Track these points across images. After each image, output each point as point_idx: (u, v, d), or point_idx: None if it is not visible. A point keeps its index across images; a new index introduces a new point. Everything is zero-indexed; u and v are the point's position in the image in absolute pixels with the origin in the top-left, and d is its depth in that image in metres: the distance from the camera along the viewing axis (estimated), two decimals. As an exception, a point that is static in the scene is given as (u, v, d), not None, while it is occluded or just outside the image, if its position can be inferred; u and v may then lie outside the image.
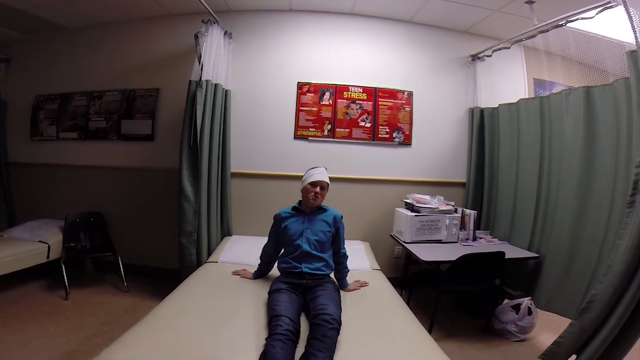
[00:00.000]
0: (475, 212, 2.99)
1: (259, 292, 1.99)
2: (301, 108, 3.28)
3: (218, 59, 2.95)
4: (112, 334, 2.29)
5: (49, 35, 3.70)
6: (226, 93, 3.12)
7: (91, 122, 3.49)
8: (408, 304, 2.09)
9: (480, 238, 3.01)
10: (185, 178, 2.75)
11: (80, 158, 3.50)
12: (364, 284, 2.20)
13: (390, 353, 1.47)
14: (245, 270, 2.31)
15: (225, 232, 3.20)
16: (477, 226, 3.12)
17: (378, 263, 2.77)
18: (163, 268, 3.36)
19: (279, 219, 2.15)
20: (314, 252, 2.00)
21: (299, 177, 2.25)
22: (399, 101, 3.35)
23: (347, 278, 2.17)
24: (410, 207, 2.92)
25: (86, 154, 3.51)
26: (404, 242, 2.78)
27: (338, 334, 1.53)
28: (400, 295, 2.22)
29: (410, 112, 3.37)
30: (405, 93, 3.37)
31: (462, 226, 2.94)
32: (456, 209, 2.95)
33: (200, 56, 2.78)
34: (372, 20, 3.36)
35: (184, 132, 2.75)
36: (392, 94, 3.35)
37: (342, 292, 2.02)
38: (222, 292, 1.99)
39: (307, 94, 3.29)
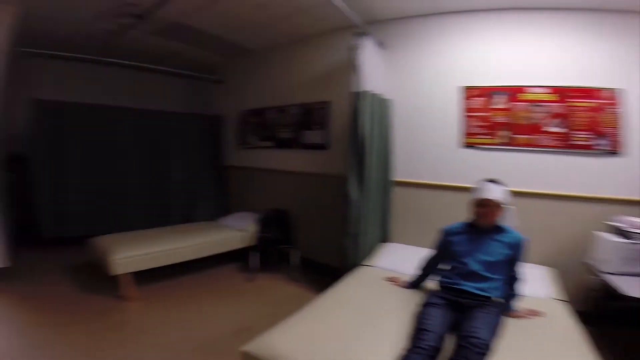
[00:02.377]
0: None
1: (409, 301, 1.99)
2: (468, 114, 3.03)
3: (374, 69, 3.03)
4: (277, 317, 2.66)
5: (242, 58, 4.62)
6: (386, 102, 3.19)
7: (281, 133, 4.17)
8: (596, 344, 1.69)
9: None
10: (351, 184, 2.96)
11: (273, 163, 4.26)
12: (535, 314, 1.89)
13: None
14: (399, 277, 2.34)
15: (384, 239, 3.28)
16: None
17: (563, 293, 2.32)
18: (328, 265, 3.68)
19: (446, 233, 2.08)
20: (481, 272, 1.85)
21: (467, 189, 2.11)
22: (600, 101, 2.66)
23: (515, 302, 1.92)
24: (617, 231, 2.33)
25: (277, 160, 4.24)
26: (605, 272, 2.23)
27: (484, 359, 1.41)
28: (588, 332, 1.81)
29: (619, 114, 2.63)
30: (610, 91, 2.65)
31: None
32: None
33: (358, 68, 2.91)
34: (546, 12, 2.78)
35: (350, 141, 2.97)
36: (589, 92, 2.68)
37: (505, 318, 1.80)
38: (373, 295, 2.09)
39: (474, 99, 3.01)
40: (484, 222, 1.93)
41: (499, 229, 1.94)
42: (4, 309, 2.70)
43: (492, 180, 1.96)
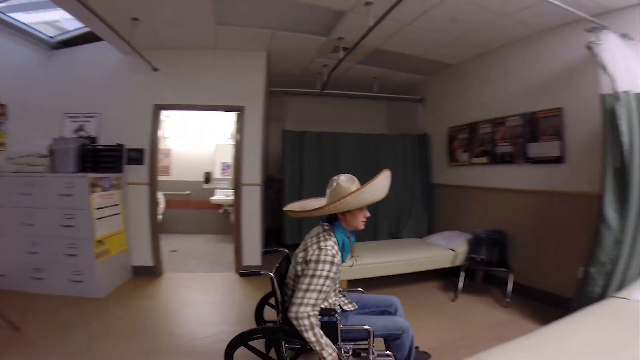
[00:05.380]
0: None
1: None
2: None
3: (625, 65, 2.50)
4: (480, 340, 2.42)
5: (442, 74, 4.59)
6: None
7: (498, 147, 3.86)
8: None
9: None
10: (608, 203, 2.46)
11: (488, 180, 3.98)
12: None
13: None
14: None
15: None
16: None
17: None
18: (551, 293, 3.20)
19: None
20: None
21: None
22: None
23: None
24: None
25: (493, 177, 3.95)
26: None
27: None
28: None
29: None
30: None
31: None
32: None
33: (605, 66, 2.45)
34: None
35: (606, 152, 2.47)
36: None
37: None
38: (625, 330, 1.64)
39: None
40: None
41: None
42: (249, 299, 3.35)
43: None
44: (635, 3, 2.72)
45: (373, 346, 1.77)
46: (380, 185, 1.74)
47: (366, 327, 1.75)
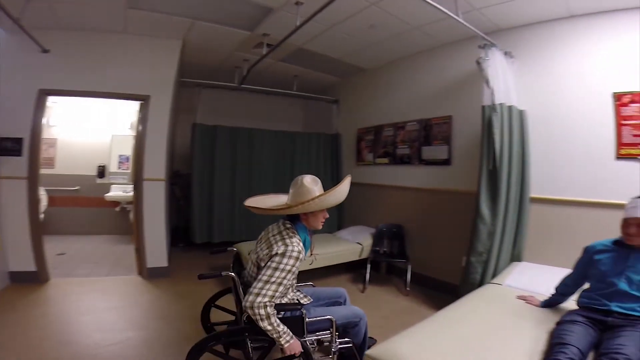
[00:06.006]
0: None
1: (544, 320, 1.88)
2: (623, 122, 2.71)
3: (504, 80, 2.96)
4: (389, 327, 2.65)
5: (355, 78, 4.90)
6: (521, 114, 3.05)
7: (398, 149, 4.27)
8: None
9: None
10: (483, 200, 2.90)
11: (389, 179, 4.37)
12: None
13: None
14: (532, 296, 2.21)
15: (515, 258, 3.08)
16: None
17: None
18: (442, 281, 3.64)
19: (591, 251, 1.93)
20: (633, 292, 1.69)
21: (619, 206, 1.93)
22: None
23: None
24: None
25: (394, 176, 4.34)
26: None
27: None
28: None
29: None
30: None
31: None
32: None
33: (488, 80, 2.86)
34: None
35: (482, 156, 2.92)
36: None
37: None
38: (502, 313, 2.01)
39: (631, 105, 2.68)
40: (633, 243, 1.75)
41: None
42: (156, 302, 3.25)
43: None
44: (520, 24, 3.21)
45: (336, 334, 1.87)
46: (344, 189, 1.85)
47: (329, 317, 1.85)
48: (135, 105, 4.13)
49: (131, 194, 4.32)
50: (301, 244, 1.74)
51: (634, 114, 2.69)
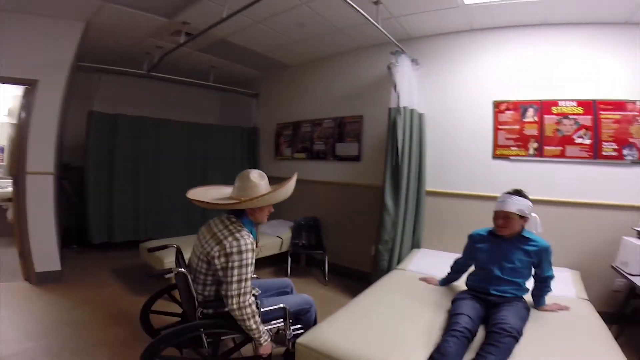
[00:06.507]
0: None
1: (442, 300, 2.16)
2: (499, 127, 3.19)
3: (410, 85, 3.25)
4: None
5: (277, 73, 4.92)
6: (420, 117, 3.37)
7: (315, 145, 4.40)
8: (618, 341, 1.79)
9: None
10: (387, 194, 3.15)
11: (307, 174, 4.45)
12: (563, 308, 2.04)
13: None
14: (432, 277, 2.51)
15: (415, 245, 3.41)
16: None
17: (589, 294, 2.42)
18: (356, 269, 3.88)
19: (473, 239, 2.21)
20: (505, 277, 1.99)
21: (497, 199, 2.20)
22: (629, 113, 2.80)
23: (544, 298, 2.05)
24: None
25: (311, 171, 4.44)
26: (629, 274, 2.35)
27: (515, 342, 1.57)
28: (609, 329, 1.93)
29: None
30: (638, 103, 2.78)
31: None
32: None
33: (396, 85, 3.14)
34: (574, 27, 2.95)
35: (388, 153, 3.17)
36: (618, 105, 2.83)
37: (534, 311, 1.98)
38: (407, 296, 2.26)
39: (506, 112, 3.17)
40: (502, 233, 2.03)
41: (523, 238, 2.02)
42: (53, 309, 2.90)
43: (516, 192, 2.03)
44: (429, 34, 3.50)
45: (290, 322, 1.90)
46: (292, 186, 1.91)
47: (282, 305, 1.88)
48: (17, 91, 3.56)
49: (8, 189, 3.71)
50: (251, 236, 1.75)
51: (507, 120, 3.17)
